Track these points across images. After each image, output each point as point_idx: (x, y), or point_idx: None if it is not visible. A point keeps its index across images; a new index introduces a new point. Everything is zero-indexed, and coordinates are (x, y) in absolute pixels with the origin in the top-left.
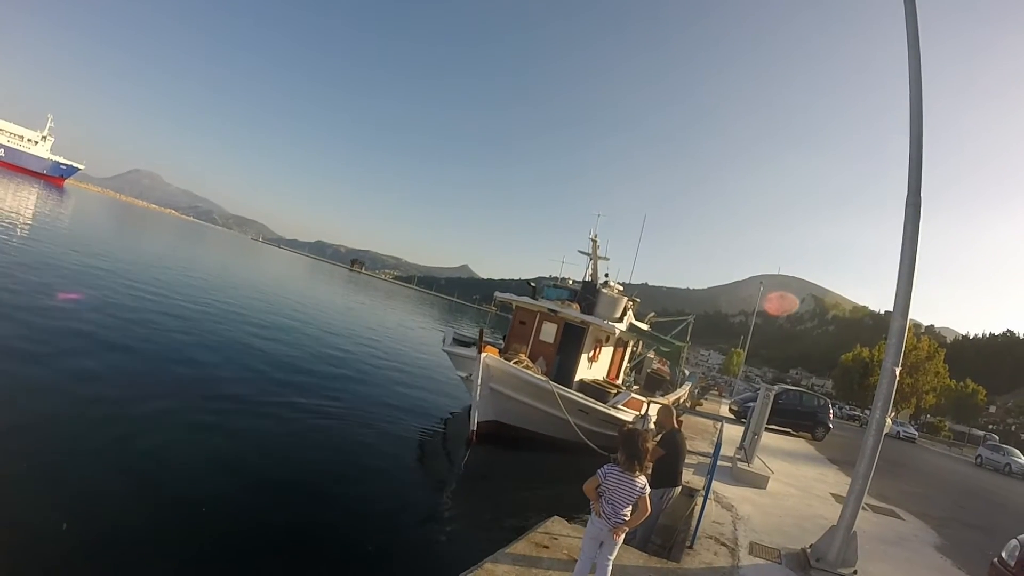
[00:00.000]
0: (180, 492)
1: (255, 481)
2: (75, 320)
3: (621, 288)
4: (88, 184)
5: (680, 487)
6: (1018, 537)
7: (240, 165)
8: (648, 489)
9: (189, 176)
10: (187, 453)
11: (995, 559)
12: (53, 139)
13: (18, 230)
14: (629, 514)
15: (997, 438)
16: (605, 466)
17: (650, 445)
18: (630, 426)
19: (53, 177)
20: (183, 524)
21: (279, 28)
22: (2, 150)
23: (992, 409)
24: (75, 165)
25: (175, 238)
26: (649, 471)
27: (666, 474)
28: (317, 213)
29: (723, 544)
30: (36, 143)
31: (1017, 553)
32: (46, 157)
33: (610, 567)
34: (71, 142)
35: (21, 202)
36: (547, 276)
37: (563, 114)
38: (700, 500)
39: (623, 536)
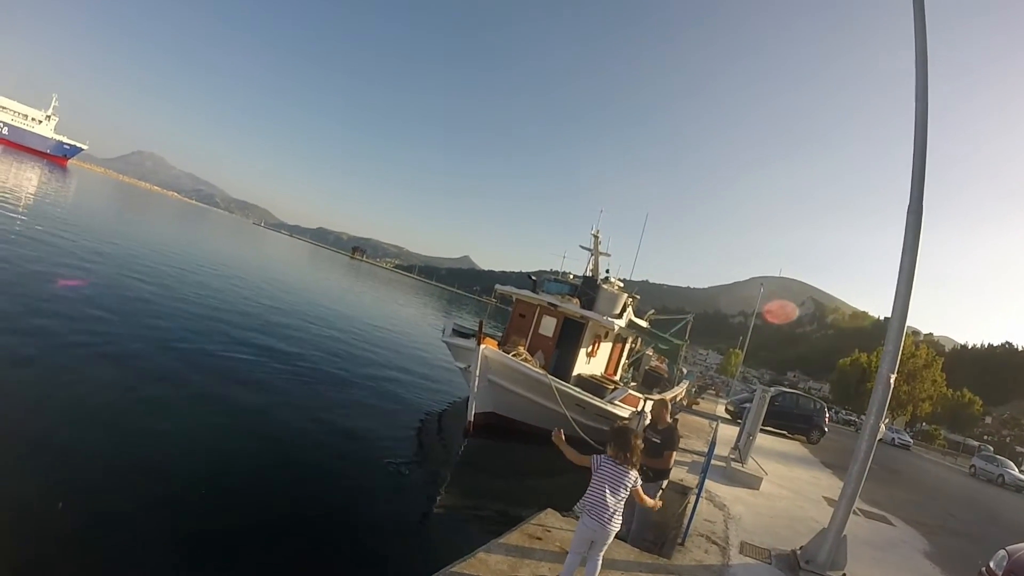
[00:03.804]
0: (176, 476)
1: (250, 466)
2: (75, 305)
3: (622, 284)
4: (91, 164)
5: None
6: (1006, 548)
7: (244, 149)
8: (640, 482)
9: (192, 159)
10: (184, 435)
11: (983, 568)
12: (57, 119)
13: (20, 210)
14: (617, 507)
15: (992, 449)
16: (600, 455)
17: (640, 442)
18: (622, 422)
19: (56, 157)
20: (177, 508)
21: (285, 13)
22: (6, 128)
23: (988, 420)
24: (78, 145)
25: (177, 221)
26: (639, 466)
27: (661, 469)
28: (320, 200)
29: (714, 542)
30: (40, 122)
31: (1005, 564)
32: (50, 136)
33: (600, 563)
34: (75, 122)
35: (24, 181)
36: (548, 270)
37: (568, 109)
38: (693, 498)
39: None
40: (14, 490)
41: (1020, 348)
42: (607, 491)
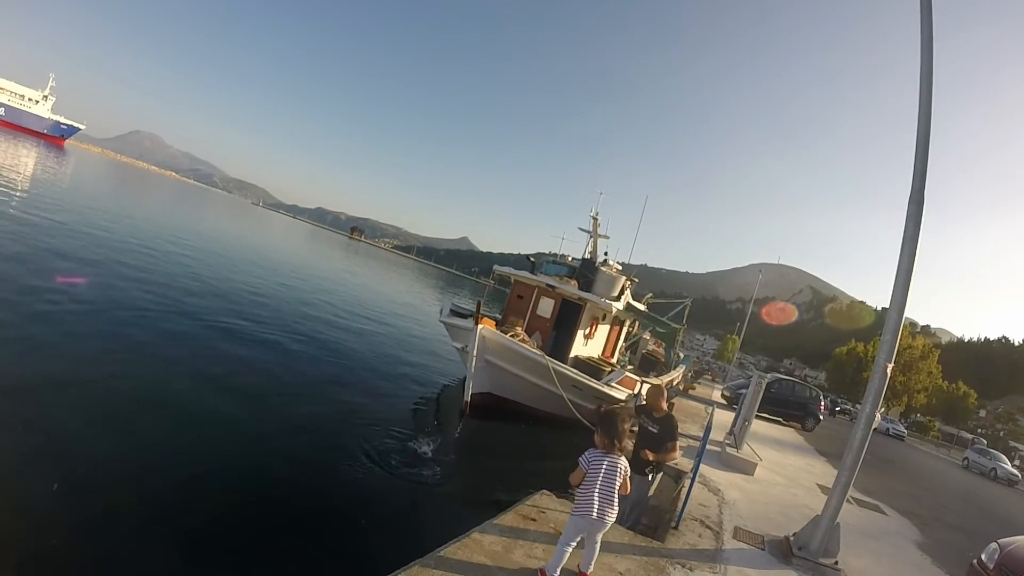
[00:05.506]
0: (170, 460)
1: (243, 450)
2: (74, 296)
3: (620, 267)
4: (88, 144)
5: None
6: (998, 540)
7: (242, 129)
8: (628, 469)
9: (190, 138)
10: (174, 419)
11: (974, 560)
12: (54, 98)
13: (16, 191)
14: (611, 496)
15: (985, 442)
16: (586, 453)
17: (627, 425)
18: (606, 407)
19: (53, 137)
20: (173, 492)
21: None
22: (3, 109)
23: (982, 413)
24: (76, 125)
25: (175, 202)
26: (630, 451)
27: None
28: (318, 179)
29: (708, 527)
30: (37, 102)
31: (996, 556)
32: (47, 116)
33: (598, 547)
34: (73, 102)
35: (20, 161)
36: (547, 252)
37: (568, 96)
38: (687, 482)
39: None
40: (11, 484)
41: (1016, 343)
42: (598, 487)
